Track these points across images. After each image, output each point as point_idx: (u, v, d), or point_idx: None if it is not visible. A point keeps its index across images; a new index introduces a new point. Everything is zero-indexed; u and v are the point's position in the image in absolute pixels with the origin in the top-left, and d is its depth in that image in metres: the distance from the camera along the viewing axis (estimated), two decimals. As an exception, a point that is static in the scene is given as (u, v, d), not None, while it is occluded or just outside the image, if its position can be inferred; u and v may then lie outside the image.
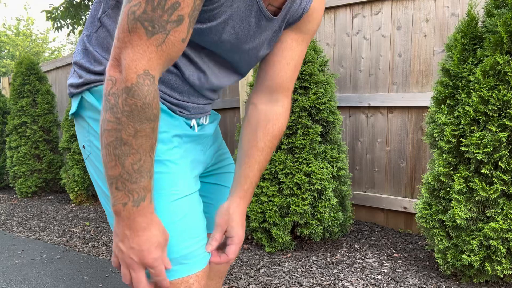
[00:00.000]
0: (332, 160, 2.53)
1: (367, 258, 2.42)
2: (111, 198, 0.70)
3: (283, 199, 2.42)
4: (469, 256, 1.93)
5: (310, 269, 2.27)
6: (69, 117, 0.88)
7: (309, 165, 2.42)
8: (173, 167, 0.82)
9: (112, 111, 0.65)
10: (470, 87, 1.96)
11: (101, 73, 0.83)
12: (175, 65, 0.82)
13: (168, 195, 0.80)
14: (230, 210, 0.91)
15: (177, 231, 0.79)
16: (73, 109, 0.89)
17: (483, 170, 1.89)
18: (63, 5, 4.79)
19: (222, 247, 0.92)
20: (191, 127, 0.91)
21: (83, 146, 0.89)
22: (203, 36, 0.78)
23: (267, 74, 0.96)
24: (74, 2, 4.78)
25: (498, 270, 1.89)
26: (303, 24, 0.93)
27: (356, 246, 2.63)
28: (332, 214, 2.44)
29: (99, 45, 0.84)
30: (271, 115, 0.96)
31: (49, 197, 4.68)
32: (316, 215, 2.41)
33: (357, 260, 2.39)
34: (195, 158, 0.94)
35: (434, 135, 2.09)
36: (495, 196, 1.86)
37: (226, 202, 0.93)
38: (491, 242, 1.86)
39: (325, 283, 2.09)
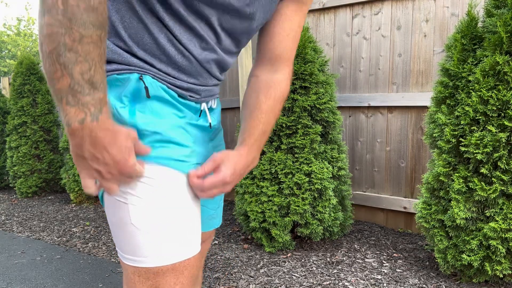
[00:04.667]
0: (332, 160, 2.53)
1: (367, 258, 2.42)
2: (63, 117, 0.63)
3: (283, 199, 2.42)
4: (468, 256, 1.93)
5: (310, 269, 2.27)
6: None
7: (309, 165, 2.42)
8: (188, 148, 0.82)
9: (51, 13, 0.59)
10: (470, 87, 1.96)
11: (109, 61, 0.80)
12: (176, 39, 0.79)
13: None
14: (230, 153, 0.89)
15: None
16: None
17: (483, 170, 1.89)
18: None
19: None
20: (201, 111, 0.91)
21: None
22: None
23: (267, 47, 0.96)
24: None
25: (497, 270, 1.89)
26: None
27: (356, 246, 2.63)
28: (332, 214, 2.44)
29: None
30: (272, 82, 0.96)
31: (49, 197, 4.68)
32: (316, 215, 2.41)
33: (357, 260, 2.39)
34: (202, 153, 0.91)
35: (434, 135, 2.09)
36: (494, 196, 1.87)
37: (232, 149, 0.95)
38: (490, 242, 1.86)
39: (325, 283, 2.09)
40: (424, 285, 2.04)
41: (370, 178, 3.10)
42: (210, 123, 0.93)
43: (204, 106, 0.92)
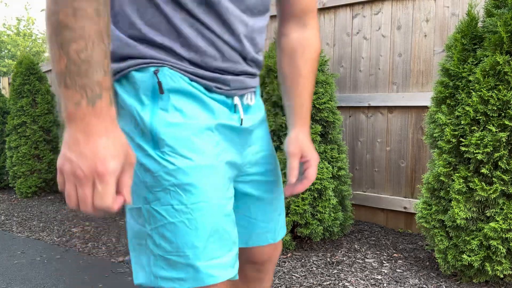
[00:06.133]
0: (332, 160, 2.53)
1: (367, 258, 2.42)
2: (62, 103, 0.59)
3: (283, 199, 2.42)
4: (469, 256, 1.93)
5: (310, 269, 2.27)
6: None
7: (309, 165, 2.42)
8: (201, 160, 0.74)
9: None
10: (470, 87, 1.96)
11: (129, 57, 0.74)
12: (196, 18, 0.74)
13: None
14: (298, 137, 0.94)
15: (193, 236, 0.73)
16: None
17: (483, 170, 1.89)
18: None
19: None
20: (235, 107, 0.83)
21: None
22: None
23: (289, 1, 0.95)
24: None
25: (498, 270, 1.89)
26: None
27: (356, 246, 2.63)
28: (332, 214, 2.44)
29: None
30: (304, 41, 0.96)
31: (49, 197, 4.68)
32: (316, 215, 2.41)
33: (357, 260, 2.39)
34: (231, 160, 0.84)
35: (434, 135, 2.09)
36: (494, 196, 1.86)
37: (291, 132, 0.96)
38: (491, 242, 1.86)
39: (325, 283, 2.09)
40: (424, 285, 2.04)
41: (370, 178, 3.10)
42: (241, 120, 0.84)
43: (237, 100, 0.83)
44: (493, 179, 1.88)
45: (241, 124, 0.84)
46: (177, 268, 0.73)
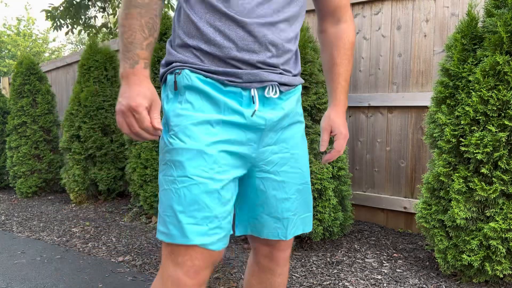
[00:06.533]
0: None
1: (367, 258, 2.42)
2: (120, 68, 0.93)
3: (283, 199, 2.42)
4: (469, 256, 1.93)
5: (310, 269, 2.27)
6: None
7: (309, 165, 2.42)
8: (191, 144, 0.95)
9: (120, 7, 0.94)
10: (470, 87, 1.96)
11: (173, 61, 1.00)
12: (212, 20, 0.96)
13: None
14: (331, 115, 1.14)
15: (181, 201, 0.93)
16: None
17: (483, 170, 1.89)
18: (63, 5, 4.80)
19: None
20: (252, 98, 0.97)
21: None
22: None
23: (322, 2, 1.11)
24: (74, 2, 4.78)
25: (497, 270, 1.89)
26: None
27: (356, 246, 2.63)
28: (332, 214, 2.44)
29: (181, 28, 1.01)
30: (339, 33, 1.12)
31: (49, 197, 4.68)
32: (316, 215, 2.41)
33: (357, 260, 2.39)
34: (235, 151, 0.98)
35: (434, 135, 2.09)
36: (494, 196, 1.87)
37: (327, 111, 1.16)
38: (490, 242, 1.86)
39: (325, 283, 2.09)
40: (424, 285, 2.04)
41: (370, 178, 3.10)
42: (255, 111, 0.97)
43: (254, 92, 0.97)
44: (493, 179, 1.88)
45: (252, 116, 0.96)
46: (165, 224, 0.94)
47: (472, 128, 1.94)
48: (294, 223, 1.10)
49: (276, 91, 0.99)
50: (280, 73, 0.99)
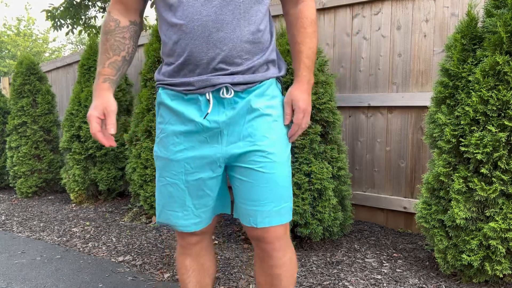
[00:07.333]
0: (332, 160, 2.53)
1: (367, 258, 2.42)
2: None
3: (283, 199, 2.42)
4: (468, 256, 1.93)
5: (310, 269, 2.27)
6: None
7: (309, 165, 2.42)
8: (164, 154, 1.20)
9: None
10: (470, 87, 1.96)
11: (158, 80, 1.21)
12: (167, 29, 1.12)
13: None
14: (292, 90, 1.21)
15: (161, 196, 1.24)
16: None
17: (483, 170, 1.89)
18: (63, 5, 4.80)
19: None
20: (209, 101, 1.09)
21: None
22: None
23: None
24: (74, 2, 4.78)
25: (497, 270, 1.89)
26: None
27: (356, 246, 2.64)
28: (332, 214, 2.44)
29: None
30: (298, 14, 1.20)
31: (49, 197, 4.68)
32: (316, 215, 2.41)
33: (357, 260, 2.39)
34: (199, 155, 1.16)
35: (434, 135, 2.09)
36: (494, 196, 1.87)
37: (291, 86, 1.23)
38: (490, 242, 1.86)
39: (325, 283, 2.10)
40: (424, 285, 2.04)
41: (370, 178, 3.10)
42: (207, 113, 1.09)
43: (209, 96, 1.09)
44: (493, 179, 1.88)
45: (204, 118, 1.10)
46: (157, 211, 1.26)
47: (472, 128, 1.94)
48: (268, 213, 1.16)
49: (231, 92, 1.09)
50: (231, 74, 1.08)
